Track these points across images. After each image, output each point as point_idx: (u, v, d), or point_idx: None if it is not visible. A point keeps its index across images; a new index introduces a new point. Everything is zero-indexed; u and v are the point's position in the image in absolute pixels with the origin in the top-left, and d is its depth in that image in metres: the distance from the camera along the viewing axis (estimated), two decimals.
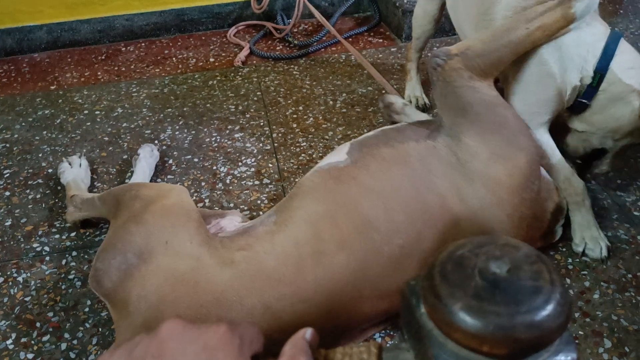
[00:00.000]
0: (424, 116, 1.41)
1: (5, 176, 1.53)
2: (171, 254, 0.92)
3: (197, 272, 0.90)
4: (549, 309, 0.31)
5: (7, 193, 1.47)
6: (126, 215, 0.99)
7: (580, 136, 1.21)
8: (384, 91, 1.74)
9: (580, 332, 1.04)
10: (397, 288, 0.75)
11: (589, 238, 1.17)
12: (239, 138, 1.63)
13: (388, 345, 0.45)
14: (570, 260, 1.19)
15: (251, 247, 0.94)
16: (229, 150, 1.58)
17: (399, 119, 1.44)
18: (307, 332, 0.45)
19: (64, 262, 1.25)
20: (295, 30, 2.30)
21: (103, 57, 2.18)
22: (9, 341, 1.08)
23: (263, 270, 0.90)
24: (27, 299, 1.17)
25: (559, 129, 1.22)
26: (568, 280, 1.14)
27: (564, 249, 1.21)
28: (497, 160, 1.01)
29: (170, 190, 1.03)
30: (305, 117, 1.71)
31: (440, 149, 1.04)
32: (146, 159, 1.45)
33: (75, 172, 1.40)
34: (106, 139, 1.66)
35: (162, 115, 1.76)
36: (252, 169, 1.50)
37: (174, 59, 2.13)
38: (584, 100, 1.14)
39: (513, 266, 0.33)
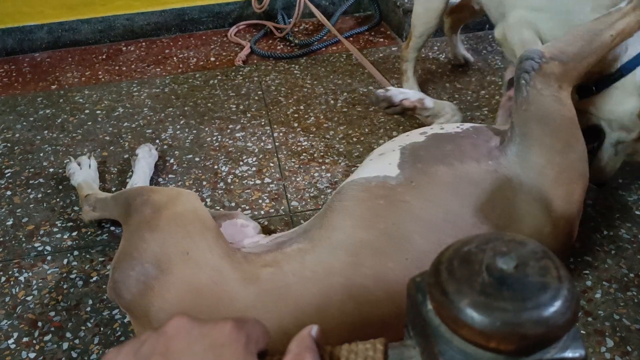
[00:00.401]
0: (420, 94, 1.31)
1: (6, 176, 1.53)
2: (191, 265, 0.88)
3: (219, 287, 0.86)
4: (556, 305, 0.31)
5: (9, 193, 1.47)
6: (137, 220, 0.97)
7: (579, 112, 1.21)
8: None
9: (582, 331, 1.04)
10: None
11: None
12: (240, 137, 1.63)
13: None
14: (572, 259, 1.19)
15: (279, 264, 0.88)
16: (230, 149, 1.58)
17: (404, 105, 1.31)
18: (314, 329, 0.45)
19: (65, 261, 1.25)
20: (296, 29, 2.30)
21: (104, 57, 2.18)
22: (11, 340, 1.08)
23: (288, 294, 0.84)
24: (28, 298, 1.17)
25: None
26: None
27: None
28: (559, 184, 0.92)
29: (179, 195, 0.99)
30: (306, 116, 1.71)
31: (502, 175, 0.93)
32: (145, 158, 1.45)
33: (85, 173, 1.40)
34: (107, 138, 1.66)
35: (163, 114, 1.76)
36: (254, 168, 1.50)
37: (174, 58, 2.13)
38: (592, 87, 1.14)
39: (520, 262, 0.33)
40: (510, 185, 0.92)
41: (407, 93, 1.31)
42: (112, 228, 1.32)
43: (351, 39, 2.19)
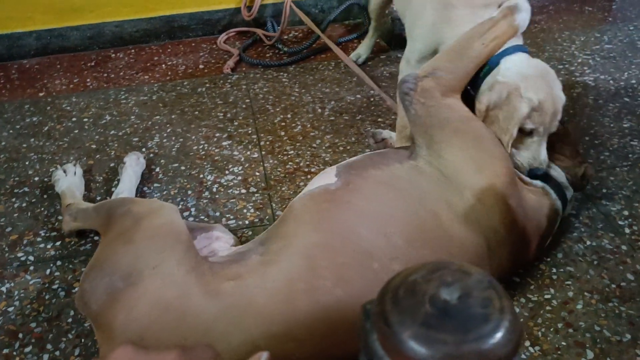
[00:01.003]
0: None
1: None
2: (158, 279, 0.89)
3: (184, 302, 0.87)
4: (497, 337, 0.31)
5: None
6: (116, 231, 0.98)
7: None
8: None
9: (563, 343, 1.04)
10: None
11: None
12: (227, 146, 1.63)
13: None
14: (554, 270, 1.19)
15: (241, 277, 0.91)
16: (216, 158, 1.58)
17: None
18: (263, 356, 0.45)
19: (48, 271, 1.25)
20: (286, 37, 2.30)
21: (92, 64, 2.17)
22: None
23: (252, 306, 0.87)
24: (10, 309, 1.16)
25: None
26: (552, 291, 1.15)
27: (548, 259, 1.22)
28: (480, 171, 1.03)
29: (160, 208, 1.01)
30: (293, 124, 1.71)
31: (423, 167, 1.07)
32: (132, 167, 1.45)
33: (70, 180, 1.39)
34: (94, 146, 1.66)
35: (150, 122, 1.76)
36: (239, 177, 1.50)
37: (163, 65, 2.13)
38: (470, 91, 1.23)
39: (463, 293, 0.33)
40: (434, 175, 1.04)
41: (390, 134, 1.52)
42: (96, 238, 1.32)
43: (340, 46, 2.19)
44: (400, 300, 0.33)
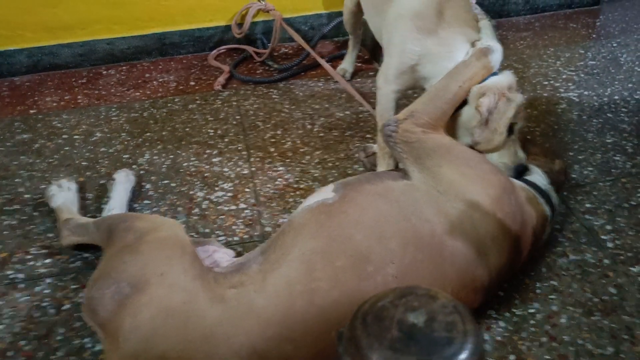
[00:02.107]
0: None
1: None
2: (165, 285, 0.93)
3: (189, 306, 0.91)
4: (460, 359, 0.33)
5: None
6: (119, 245, 1.01)
7: None
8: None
9: (547, 357, 1.06)
10: None
11: None
12: (217, 162, 1.65)
13: None
14: (538, 284, 1.21)
15: (243, 285, 0.95)
16: (206, 174, 1.60)
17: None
18: None
19: (37, 289, 1.25)
20: (276, 54, 2.33)
21: (84, 81, 2.19)
22: None
23: (252, 310, 0.91)
24: (0, 327, 1.17)
25: None
26: (536, 305, 1.17)
27: (533, 273, 1.24)
28: (473, 183, 1.08)
29: (163, 223, 1.05)
30: (283, 141, 1.73)
31: (417, 185, 1.12)
32: (122, 183, 1.46)
33: (65, 196, 1.40)
34: (84, 163, 1.67)
35: (140, 139, 1.78)
36: (229, 194, 1.51)
37: (154, 82, 2.15)
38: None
39: (429, 317, 0.34)
40: (429, 191, 1.08)
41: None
42: (86, 255, 1.33)
43: (330, 63, 2.21)
44: (370, 325, 0.34)
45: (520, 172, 1.26)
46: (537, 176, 1.26)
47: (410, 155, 1.16)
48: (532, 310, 1.16)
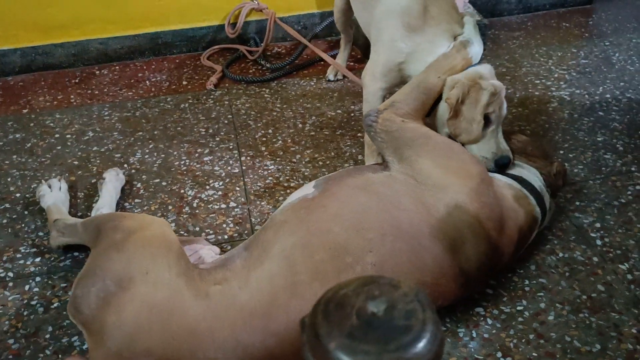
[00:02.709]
0: None
1: None
2: (150, 283, 0.93)
3: (172, 303, 0.92)
4: (418, 347, 0.33)
5: None
6: (106, 244, 1.01)
7: None
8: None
9: (534, 354, 1.06)
10: None
11: None
12: (208, 161, 1.65)
13: None
14: (527, 282, 1.21)
15: (227, 280, 0.97)
16: (197, 173, 1.60)
17: None
18: None
19: (27, 287, 1.25)
20: (269, 53, 2.33)
21: (77, 81, 2.19)
22: None
23: (236, 304, 0.92)
24: None
25: None
26: (524, 302, 1.17)
27: (521, 271, 1.24)
28: (451, 173, 1.10)
29: (151, 223, 1.05)
30: (274, 140, 1.73)
31: (396, 176, 1.13)
32: (112, 182, 1.46)
33: (55, 196, 1.41)
34: (76, 163, 1.67)
35: (132, 138, 1.78)
36: (220, 192, 1.52)
37: (147, 82, 2.15)
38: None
39: (389, 305, 0.35)
40: (408, 181, 1.10)
41: None
42: (76, 254, 1.33)
43: (322, 63, 2.22)
44: (330, 313, 0.35)
45: (502, 165, 1.25)
46: (534, 177, 1.25)
47: (390, 145, 1.18)
48: (520, 308, 1.16)
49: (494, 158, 1.25)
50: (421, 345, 0.33)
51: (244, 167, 1.61)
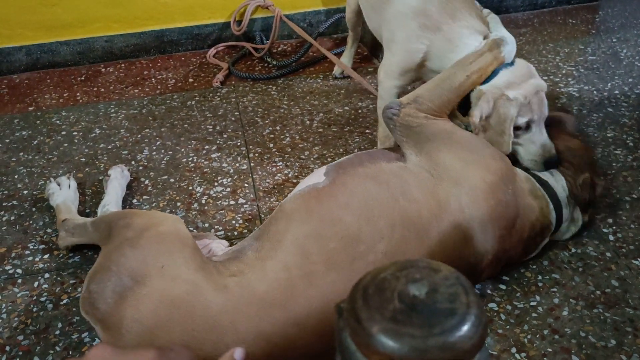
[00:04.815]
0: None
1: None
2: (167, 278, 0.93)
3: (193, 297, 0.91)
4: (463, 330, 0.32)
5: None
6: (119, 241, 1.00)
7: None
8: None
9: (549, 349, 1.05)
10: None
11: None
12: (216, 158, 1.64)
13: None
14: (540, 277, 1.20)
15: (243, 273, 0.96)
16: (205, 170, 1.59)
17: None
18: (237, 352, 0.46)
19: (36, 284, 1.24)
20: (275, 50, 2.32)
21: (82, 78, 2.18)
22: None
23: (255, 296, 0.92)
24: None
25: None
26: (538, 297, 1.16)
27: (534, 266, 1.23)
28: (470, 167, 1.09)
29: (164, 219, 1.05)
30: (282, 136, 1.72)
31: (411, 168, 1.12)
32: (117, 179, 1.45)
33: (65, 194, 1.40)
34: (83, 160, 1.66)
35: (139, 135, 1.77)
36: (228, 189, 1.51)
37: (153, 79, 2.14)
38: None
39: (431, 289, 0.34)
40: (422, 174, 1.08)
41: None
42: (85, 250, 1.32)
43: (329, 59, 2.21)
44: (370, 297, 0.34)
45: (550, 165, 1.22)
46: (559, 185, 1.21)
47: (410, 139, 1.17)
48: (533, 303, 1.15)
49: (542, 161, 1.23)
50: (466, 328, 0.32)
51: (252, 164, 1.60)
